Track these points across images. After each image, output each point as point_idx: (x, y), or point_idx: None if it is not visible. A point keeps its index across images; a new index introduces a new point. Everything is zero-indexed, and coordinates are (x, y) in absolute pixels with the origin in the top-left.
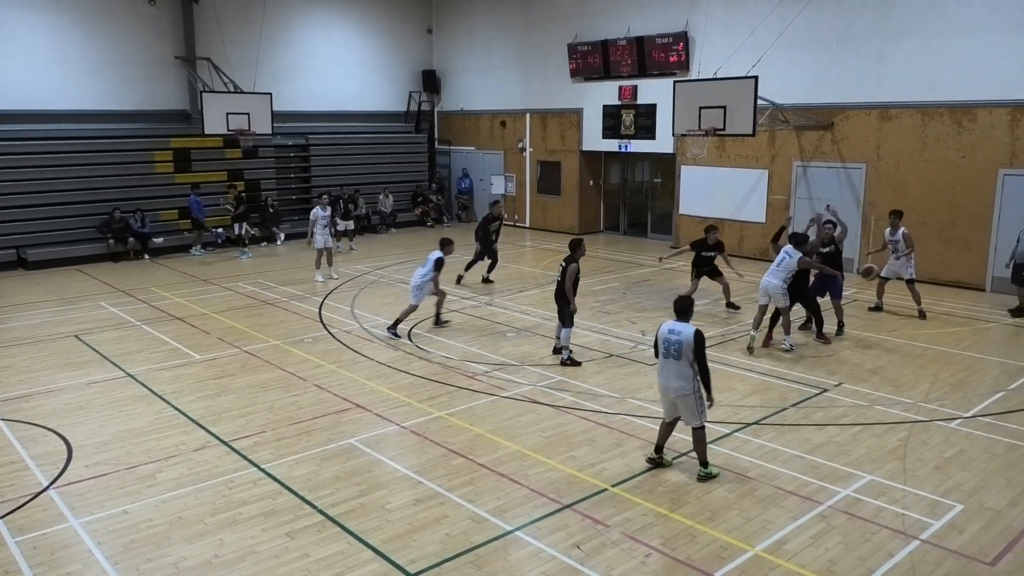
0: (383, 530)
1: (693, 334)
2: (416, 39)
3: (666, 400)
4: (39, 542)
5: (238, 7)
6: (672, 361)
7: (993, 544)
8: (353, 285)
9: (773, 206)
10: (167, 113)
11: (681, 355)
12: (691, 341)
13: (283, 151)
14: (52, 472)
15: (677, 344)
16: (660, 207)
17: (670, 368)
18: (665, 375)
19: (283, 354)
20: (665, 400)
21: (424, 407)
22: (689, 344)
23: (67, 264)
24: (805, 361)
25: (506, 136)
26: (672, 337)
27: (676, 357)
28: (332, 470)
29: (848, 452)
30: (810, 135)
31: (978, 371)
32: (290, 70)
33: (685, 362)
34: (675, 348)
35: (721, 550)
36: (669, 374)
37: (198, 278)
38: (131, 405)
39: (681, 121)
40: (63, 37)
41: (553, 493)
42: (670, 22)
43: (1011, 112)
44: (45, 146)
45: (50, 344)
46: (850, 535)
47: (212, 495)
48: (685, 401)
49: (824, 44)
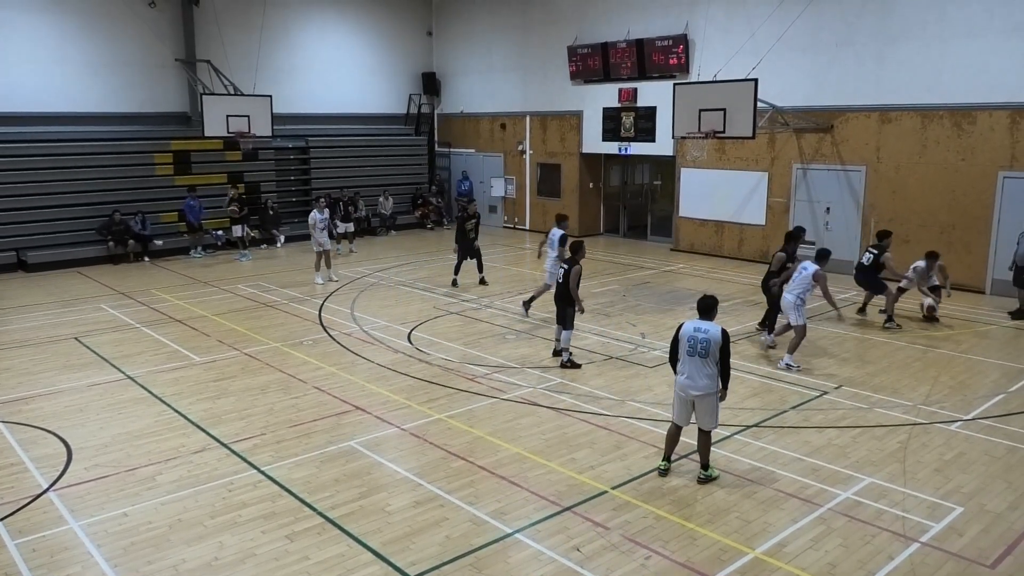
0: (383, 532)
1: (720, 332)
2: (416, 41)
3: (685, 401)
4: (39, 544)
5: (238, 10)
6: (698, 359)
7: (993, 546)
8: (353, 287)
9: (773, 208)
10: (167, 115)
11: (708, 353)
12: (719, 339)
13: (283, 153)
14: (52, 474)
15: (705, 342)
16: (660, 209)
17: (696, 367)
18: (690, 374)
19: (283, 356)
20: (683, 402)
21: (424, 409)
22: (717, 342)
23: (67, 266)
24: (805, 364)
25: (506, 138)
26: (699, 335)
27: (703, 355)
28: (332, 472)
29: (848, 454)
30: (810, 137)
31: (978, 374)
32: (290, 72)
33: (712, 361)
34: (703, 346)
35: (721, 552)
36: (695, 373)
37: (198, 280)
38: (131, 407)
39: (681, 123)
40: (63, 39)
41: (553, 496)
42: (670, 25)
43: (1011, 115)
44: (45, 148)
45: (50, 346)
46: (850, 537)
47: (212, 497)
48: (707, 402)
49: (824, 47)
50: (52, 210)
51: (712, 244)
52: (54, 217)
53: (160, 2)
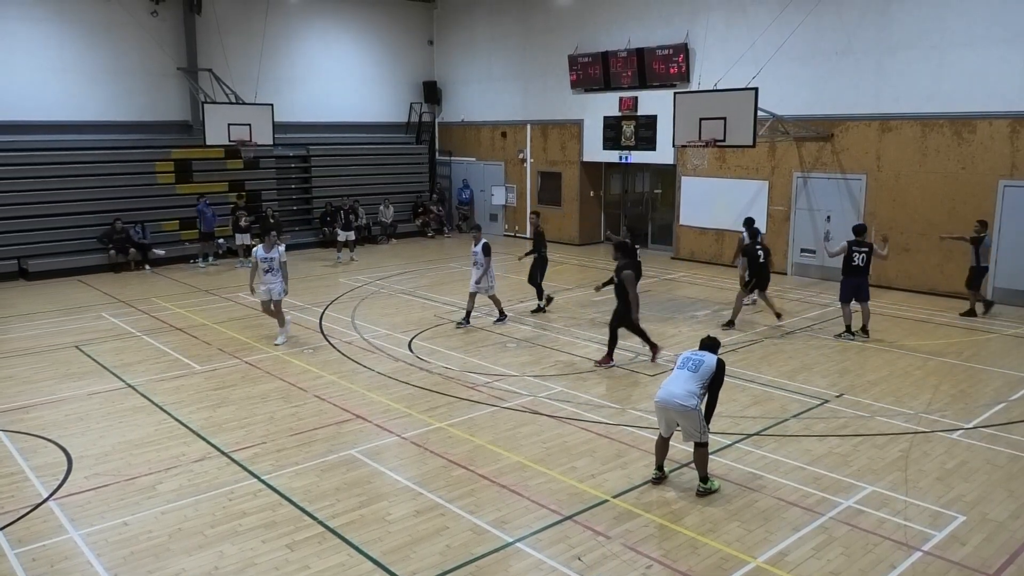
0: (384, 541)
1: (717, 361)
2: (417, 50)
3: (665, 414)
4: (39, 554)
5: (240, 18)
6: (686, 373)
7: (996, 556)
8: (354, 296)
9: (774, 217)
10: (169, 124)
11: (698, 369)
12: (713, 366)
13: (284, 162)
14: (52, 483)
15: (699, 362)
16: (660, 218)
17: (679, 379)
18: (672, 383)
19: (283, 365)
20: (664, 414)
21: (424, 418)
22: (710, 368)
23: (68, 275)
24: (806, 372)
25: (507, 147)
26: (695, 356)
27: (692, 370)
28: (332, 481)
29: (849, 463)
30: (810, 146)
31: (979, 382)
32: (291, 81)
33: (699, 379)
34: (694, 363)
35: (722, 562)
36: (677, 382)
37: (199, 289)
38: (131, 416)
39: (681, 132)
40: (65, 48)
41: (554, 504)
42: (670, 34)
43: (1011, 124)
44: (46, 157)
45: (51, 355)
46: (852, 546)
47: (212, 506)
48: (688, 416)
49: (824, 56)
50: (53, 218)
51: (712, 252)
52: (55, 226)
53: (162, 11)
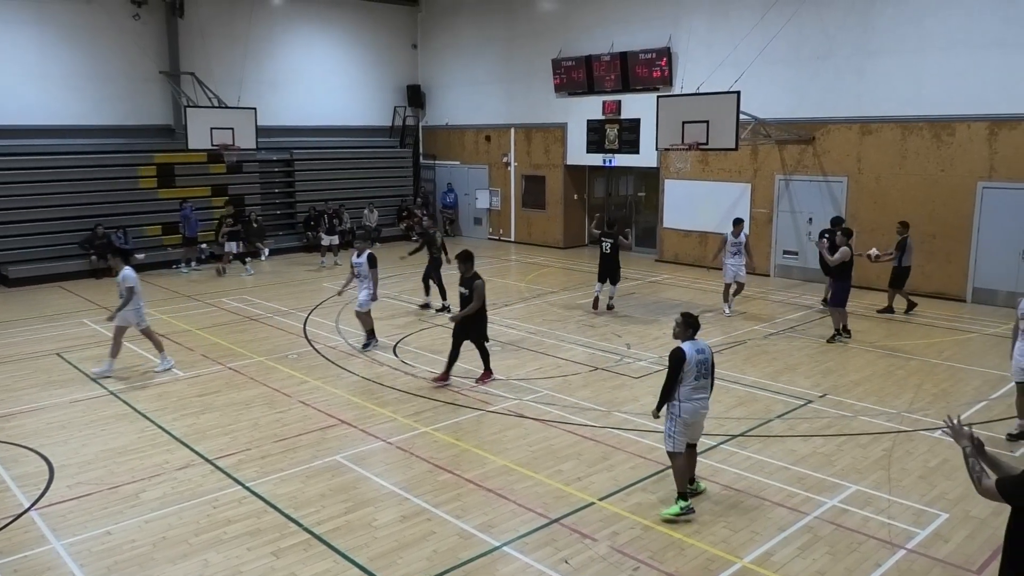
0: (370, 547)
1: (710, 348)
2: (401, 54)
3: (697, 424)
4: (20, 565)
5: (223, 22)
6: (704, 381)
7: (979, 552)
8: (337, 301)
9: (756, 219)
10: (151, 128)
11: (709, 373)
12: (712, 357)
13: (268, 166)
14: (34, 493)
15: (709, 364)
16: (644, 221)
17: (705, 389)
18: (702, 398)
19: (267, 370)
20: (697, 425)
21: (410, 422)
22: (712, 360)
23: (49, 281)
24: (790, 373)
25: (491, 150)
26: (702, 357)
27: (705, 375)
28: (318, 487)
29: (833, 463)
30: (792, 149)
31: (960, 381)
32: (275, 85)
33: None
34: (706, 368)
35: (709, 563)
36: (707, 394)
37: (182, 294)
38: (114, 424)
39: (664, 135)
40: (46, 52)
41: (540, 508)
42: (653, 38)
43: (989, 126)
44: (27, 161)
45: (31, 362)
46: (837, 545)
47: (196, 514)
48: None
49: (805, 60)
50: (34, 224)
51: (696, 255)
52: (36, 231)
53: (144, 14)
